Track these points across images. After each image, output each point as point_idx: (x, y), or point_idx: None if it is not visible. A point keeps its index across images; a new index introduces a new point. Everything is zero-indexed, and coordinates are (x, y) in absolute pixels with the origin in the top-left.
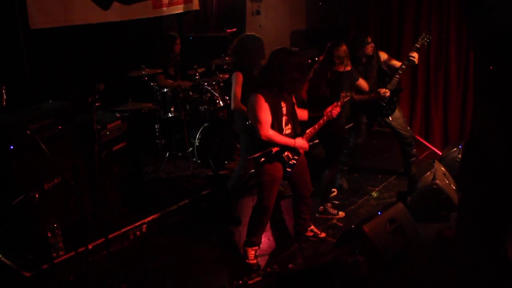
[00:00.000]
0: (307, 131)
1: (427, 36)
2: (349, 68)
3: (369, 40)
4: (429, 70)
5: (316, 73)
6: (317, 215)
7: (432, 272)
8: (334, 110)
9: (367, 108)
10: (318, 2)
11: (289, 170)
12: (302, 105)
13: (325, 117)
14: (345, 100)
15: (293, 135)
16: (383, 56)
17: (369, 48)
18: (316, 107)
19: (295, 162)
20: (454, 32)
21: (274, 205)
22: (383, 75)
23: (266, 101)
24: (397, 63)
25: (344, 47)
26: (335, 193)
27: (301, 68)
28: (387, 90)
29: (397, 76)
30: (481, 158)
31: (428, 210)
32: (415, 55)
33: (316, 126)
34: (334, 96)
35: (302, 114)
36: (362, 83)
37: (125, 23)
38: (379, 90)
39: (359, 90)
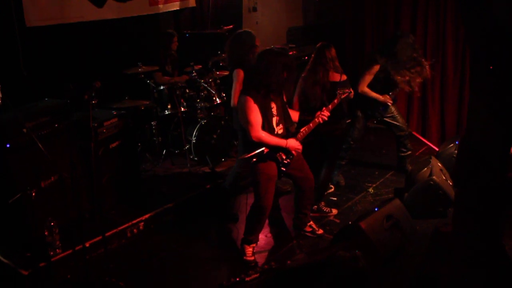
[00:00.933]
0: (301, 130)
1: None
2: (345, 77)
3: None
4: None
5: (309, 80)
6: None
7: (430, 268)
8: (325, 112)
9: (366, 105)
10: None
11: (284, 169)
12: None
13: (316, 120)
14: (343, 97)
15: (286, 135)
16: None
17: None
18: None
19: (289, 161)
20: (451, 28)
21: (275, 201)
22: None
23: (255, 102)
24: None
25: (334, 50)
26: (332, 189)
27: (288, 68)
28: (391, 100)
29: (397, 90)
30: (477, 153)
31: (425, 206)
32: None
33: (311, 124)
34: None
35: (293, 115)
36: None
37: (122, 20)
38: (386, 95)
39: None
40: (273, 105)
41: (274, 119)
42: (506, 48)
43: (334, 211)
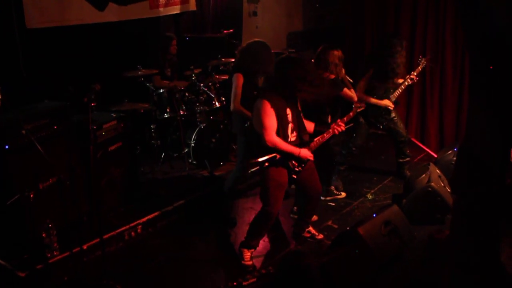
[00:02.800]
0: (315, 140)
1: (426, 59)
2: (333, 76)
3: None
4: (425, 73)
5: None
6: (322, 197)
7: (426, 274)
8: (340, 123)
9: (368, 112)
10: (315, 4)
11: (295, 176)
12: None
13: (330, 130)
14: (358, 110)
15: (299, 143)
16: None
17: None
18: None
19: (301, 169)
20: (450, 34)
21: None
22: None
23: (272, 107)
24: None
25: (335, 52)
26: (341, 196)
27: (311, 78)
28: (392, 104)
29: (399, 91)
30: (475, 161)
31: (423, 213)
32: (415, 77)
33: (326, 135)
34: (316, 102)
35: (308, 126)
36: (347, 92)
37: (122, 23)
38: (386, 100)
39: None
40: (289, 111)
41: (289, 126)
42: (505, 55)
43: (343, 194)
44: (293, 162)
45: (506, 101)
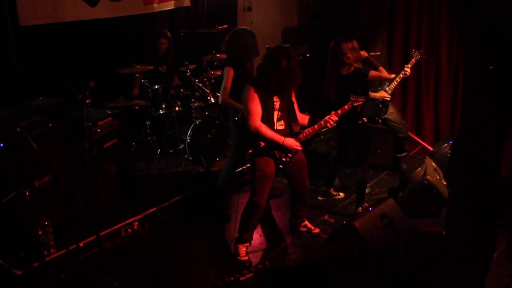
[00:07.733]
0: (305, 131)
1: (419, 52)
2: (352, 68)
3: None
4: (420, 67)
5: (327, 76)
6: (319, 198)
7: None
8: (332, 117)
9: (366, 106)
10: None
11: (281, 167)
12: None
13: (322, 122)
14: (355, 104)
15: (288, 133)
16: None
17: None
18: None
19: (288, 160)
20: (445, 29)
21: (266, 201)
22: None
23: (256, 91)
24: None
25: (345, 44)
26: (340, 197)
27: (287, 63)
28: (388, 95)
29: (394, 84)
30: (470, 153)
31: (419, 206)
32: (409, 70)
33: (316, 127)
34: (341, 101)
35: (303, 119)
36: (374, 74)
37: (117, 20)
38: (382, 91)
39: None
40: (276, 99)
41: (275, 114)
42: (500, 49)
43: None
44: (279, 151)
45: (501, 94)
